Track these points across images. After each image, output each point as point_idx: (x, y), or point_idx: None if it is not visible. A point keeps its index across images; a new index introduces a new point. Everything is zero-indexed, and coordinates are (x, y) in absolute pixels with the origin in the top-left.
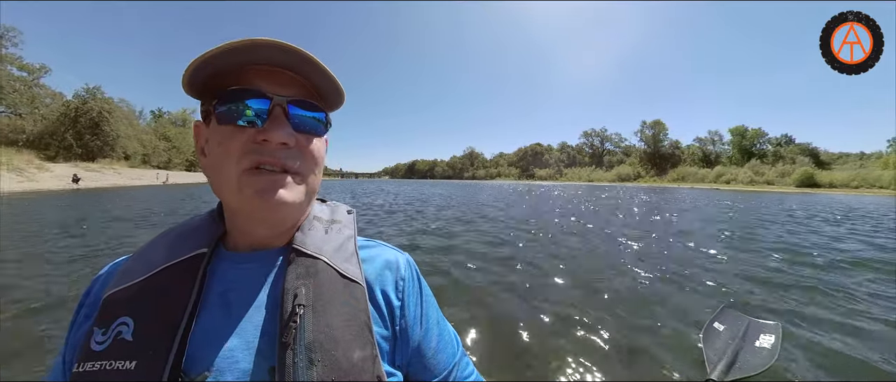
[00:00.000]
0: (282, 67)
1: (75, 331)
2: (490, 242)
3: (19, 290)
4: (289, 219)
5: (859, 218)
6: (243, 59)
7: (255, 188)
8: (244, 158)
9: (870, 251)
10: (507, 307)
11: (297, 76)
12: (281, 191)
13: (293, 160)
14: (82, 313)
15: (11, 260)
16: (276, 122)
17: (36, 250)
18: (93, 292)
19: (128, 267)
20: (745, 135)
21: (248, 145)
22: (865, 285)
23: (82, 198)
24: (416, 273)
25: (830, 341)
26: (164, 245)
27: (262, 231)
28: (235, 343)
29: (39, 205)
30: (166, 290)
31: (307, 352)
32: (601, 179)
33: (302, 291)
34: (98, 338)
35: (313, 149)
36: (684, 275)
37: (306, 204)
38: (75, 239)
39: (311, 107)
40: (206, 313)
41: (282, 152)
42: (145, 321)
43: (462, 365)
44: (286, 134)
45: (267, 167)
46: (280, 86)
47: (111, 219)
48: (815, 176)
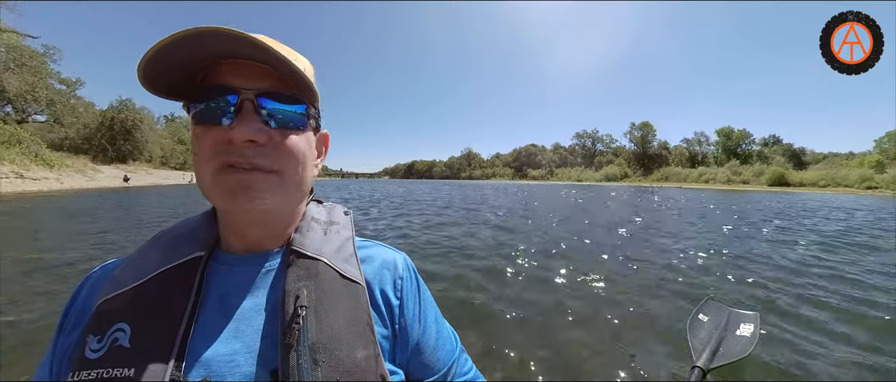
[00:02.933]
0: (251, 59)
1: (63, 339)
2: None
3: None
4: (276, 219)
5: (796, 215)
6: (202, 53)
7: (224, 188)
8: (214, 158)
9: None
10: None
11: (272, 68)
12: (251, 191)
13: (265, 158)
14: (70, 320)
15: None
16: (245, 118)
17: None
18: (79, 298)
19: (121, 272)
20: (730, 136)
21: (217, 145)
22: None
23: (138, 194)
24: (414, 272)
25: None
26: (159, 248)
27: (255, 232)
28: (236, 347)
29: (119, 199)
30: (164, 295)
31: (311, 353)
32: (589, 179)
33: (303, 293)
34: (93, 346)
35: (291, 145)
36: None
37: (291, 202)
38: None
39: (288, 100)
40: (204, 317)
41: (251, 150)
42: (143, 326)
43: (461, 362)
44: (253, 130)
45: (239, 165)
46: (250, 78)
47: (197, 205)
48: (785, 175)
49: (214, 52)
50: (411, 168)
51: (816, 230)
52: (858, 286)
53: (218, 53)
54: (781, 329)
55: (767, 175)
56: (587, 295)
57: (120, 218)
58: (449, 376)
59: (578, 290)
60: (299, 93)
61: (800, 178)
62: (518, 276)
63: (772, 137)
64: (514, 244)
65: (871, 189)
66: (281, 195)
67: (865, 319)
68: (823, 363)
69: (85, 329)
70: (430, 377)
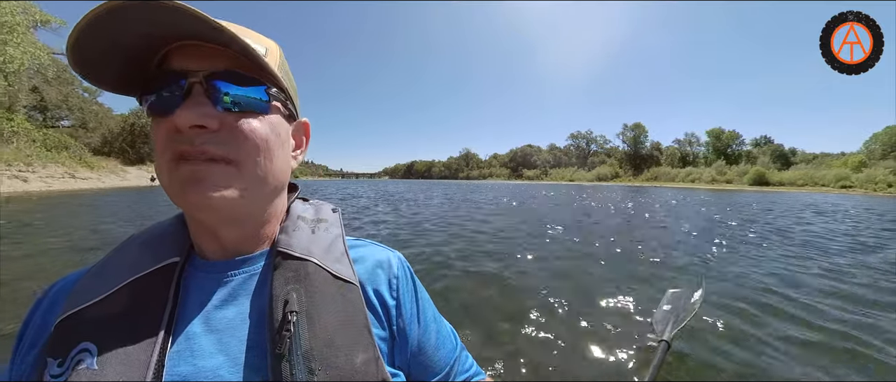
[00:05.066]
0: (197, 40)
1: (17, 365)
2: None
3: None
4: (249, 217)
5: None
6: (139, 32)
7: (178, 182)
8: (165, 151)
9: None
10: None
11: (225, 48)
12: (203, 183)
13: (218, 144)
14: (25, 342)
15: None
16: (191, 102)
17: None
18: (36, 316)
19: (83, 285)
20: (720, 137)
21: (168, 135)
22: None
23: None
24: (409, 271)
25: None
26: (127, 256)
27: (228, 233)
28: (220, 361)
29: (154, 194)
30: (135, 307)
31: (305, 362)
32: (582, 179)
33: (293, 296)
34: (53, 371)
35: (247, 130)
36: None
37: (258, 196)
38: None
39: (245, 81)
40: (182, 329)
41: (201, 137)
42: (112, 346)
43: (462, 360)
44: (198, 114)
45: (189, 156)
46: (202, 60)
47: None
48: (766, 175)
49: (154, 31)
50: (411, 168)
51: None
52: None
53: (160, 32)
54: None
55: (749, 175)
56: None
57: (169, 204)
58: (451, 375)
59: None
60: (258, 75)
61: (779, 178)
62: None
63: (763, 138)
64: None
65: (845, 188)
66: (240, 188)
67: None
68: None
69: (42, 350)
70: (432, 377)
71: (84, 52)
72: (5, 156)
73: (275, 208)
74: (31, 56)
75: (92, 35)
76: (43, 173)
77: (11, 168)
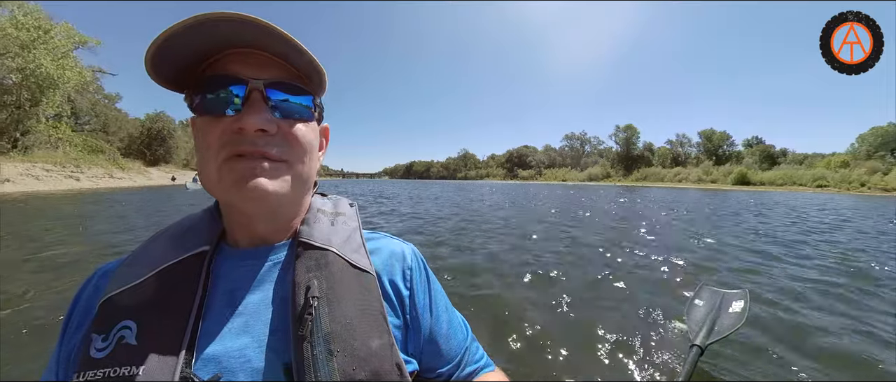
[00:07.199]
0: (257, 48)
1: (67, 342)
2: None
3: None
4: (282, 211)
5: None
6: (212, 41)
7: (233, 177)
8: (222, 149)
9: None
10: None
11: (276, 58)
12: (260, 179)
13: (274, 147)
14: (73, 322)
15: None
16: (253, 108)
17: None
18: (82, 299)
19: (123, 271)
20: (711, 138)
21: (226, 135)
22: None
23: (184, 188)
24: (423, 262)
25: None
26: (162, 245)
27: (262, 226)
28: (246, 342)
29: (179, 190)
30: (170, 290)
31: (325, 344)
32: (574, 179)
33: (314, 283)
34: (98, 345)
35: (299, 135)
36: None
37: (298, 193)
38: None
39: (295, 91)
40: (212, 312)
41: (261, 139)
42: (149, 323)
43: (472, 350)
44: (263, 120)
45: (248, 154)
46: (257, 68)
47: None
48: (748, 175)
49: (227, 40)
50: (410, 168)
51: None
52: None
53: (231, 41)
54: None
55: (732, 175)
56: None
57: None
58: (462, 364)
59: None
60: (305, 85)
61: (760, 178)
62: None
63: (754, 138)
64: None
65: (820, 187)
66: (289, 184)
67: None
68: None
69: (89, 328)
70: (443, 366)
71: (166, 54)
72: (58, 159)
73: (303, 203)
74: (79, 74)
75: (181, 41)
76: (89, 174)
77: (65, 168)
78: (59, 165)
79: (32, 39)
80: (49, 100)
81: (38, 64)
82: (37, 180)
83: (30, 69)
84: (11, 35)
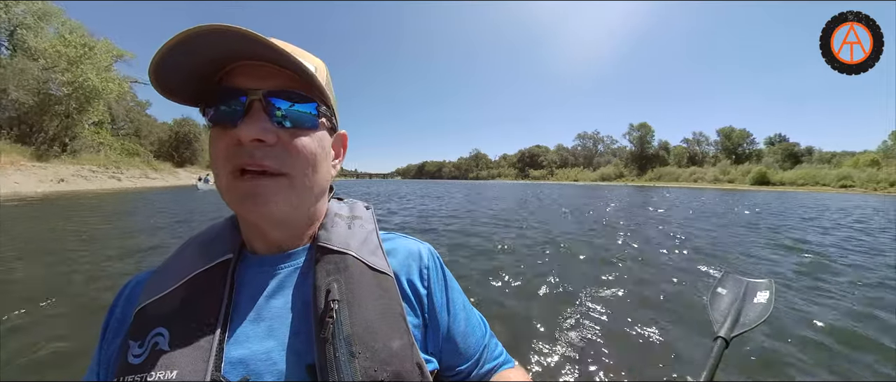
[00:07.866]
0: (259, 60)
1: (105, 347)
2: None
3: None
4: (291, 221)
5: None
6: (207, 52)
7: (237, 195)
8: (227, 162)
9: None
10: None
11: (284, 69)
12: (262, 195)
13: (274, 158)
14: (110, 329)
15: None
16: (251, 118)
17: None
18: (117, 308)
19: (154, 280)
20: (730, 136)
21: (229, 147)
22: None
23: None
24: (439, 261)
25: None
26: (188, 255)
27: (276, 233)
28: (270, 345)
29: (203, 194)
30: (197, 298)
31: (347, 345)
32: (586, 179)
33: (334, 286)
34: (135, 352)
35: (300, 146)
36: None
37: (304, 204)
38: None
39: (298, 99)
40: (237, 317)
41: (259, 151)
42: (180, 330)
43: (491, 347)
44: (260, 129)
45: (249, 168)
46: (260, 79)
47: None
48: (767, 174)
49: (221, 53)
50: (422, 169)
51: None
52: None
53: (225, 54)
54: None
55: (751, 175)
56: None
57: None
58: (480, 361)
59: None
60: (310, 92)
61: (780, 178)
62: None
63: (777, 136)
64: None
65: (845, 187)
66: (291, 199)
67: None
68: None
69: (126, 335)
70: (463, 363)
71: (164, 72)
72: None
73: (317, 210)
74: (119, 85)
75: (170, 59)
76: (128, 174)
77: (108, 170)
78: (102, 167)
79: (79, 55)
80: (93, 109)
81: (85, 77)
82: (85, 180)
83: (78, 82)
84: (61, 51)
